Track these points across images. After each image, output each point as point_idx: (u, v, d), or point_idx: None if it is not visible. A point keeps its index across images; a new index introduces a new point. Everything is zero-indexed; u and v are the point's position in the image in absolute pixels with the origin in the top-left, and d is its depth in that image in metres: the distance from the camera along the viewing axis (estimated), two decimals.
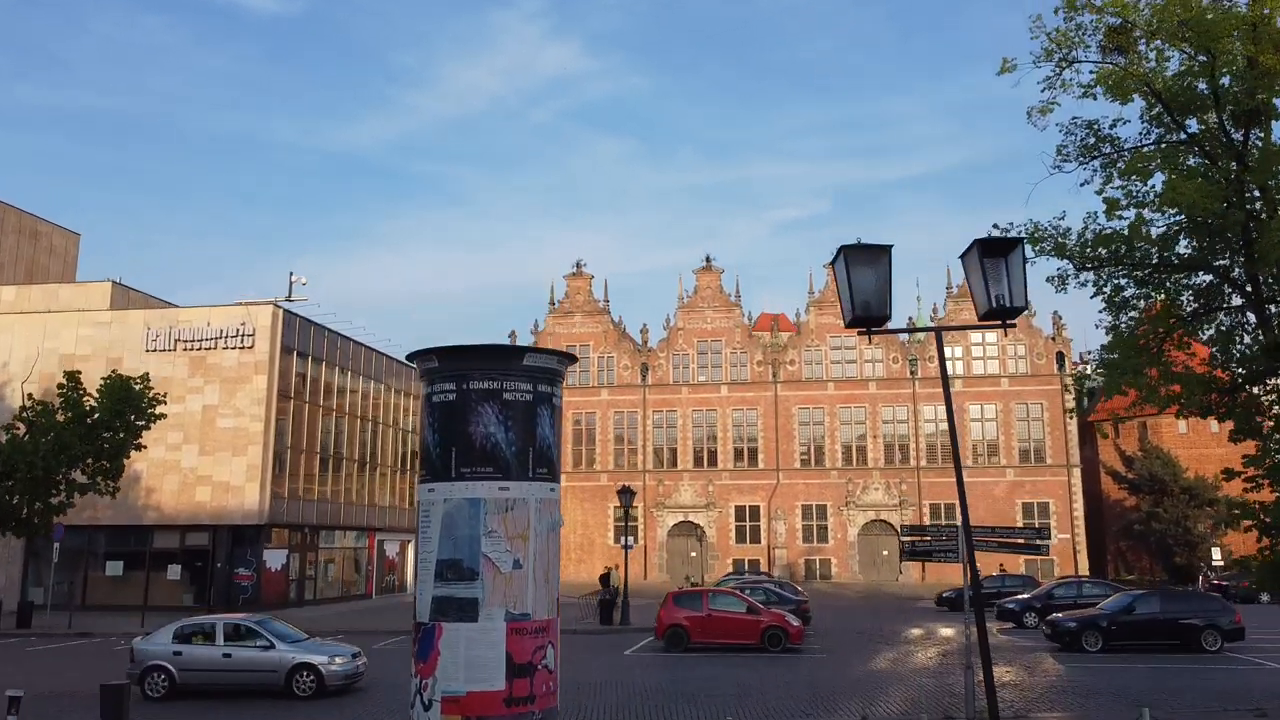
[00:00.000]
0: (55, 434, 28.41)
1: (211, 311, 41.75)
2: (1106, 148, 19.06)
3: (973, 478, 64.00)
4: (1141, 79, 17.92)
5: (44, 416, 29.28)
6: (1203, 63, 17.22)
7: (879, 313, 8.38)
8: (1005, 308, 8.38)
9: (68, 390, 29.98)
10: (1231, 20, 16.73)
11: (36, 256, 56.52)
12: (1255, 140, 17.91)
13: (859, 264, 8.45)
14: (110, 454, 29.47)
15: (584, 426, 69.73)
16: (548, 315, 71.80)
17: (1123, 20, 18.03)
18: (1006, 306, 8.38)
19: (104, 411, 29.31)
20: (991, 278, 8.46)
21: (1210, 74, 17.20)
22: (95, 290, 45.29)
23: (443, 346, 8.68)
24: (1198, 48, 17.09)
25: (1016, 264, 8.51)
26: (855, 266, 8.45)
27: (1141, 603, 27.17)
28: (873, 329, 8.45)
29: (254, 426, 39.62)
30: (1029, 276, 8.75)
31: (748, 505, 66.66)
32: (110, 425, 29.19)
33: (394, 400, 51.21)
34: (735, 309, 69.91)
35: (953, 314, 66.47)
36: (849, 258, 8.43)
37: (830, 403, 66.80)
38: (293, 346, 41.68)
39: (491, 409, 8.43)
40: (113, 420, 29.25)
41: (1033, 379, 64.68)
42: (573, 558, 67.28)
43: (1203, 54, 17.07)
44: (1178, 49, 17.76)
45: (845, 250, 8.46)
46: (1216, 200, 16.34)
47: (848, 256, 8.43)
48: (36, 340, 42.11)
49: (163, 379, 40.60)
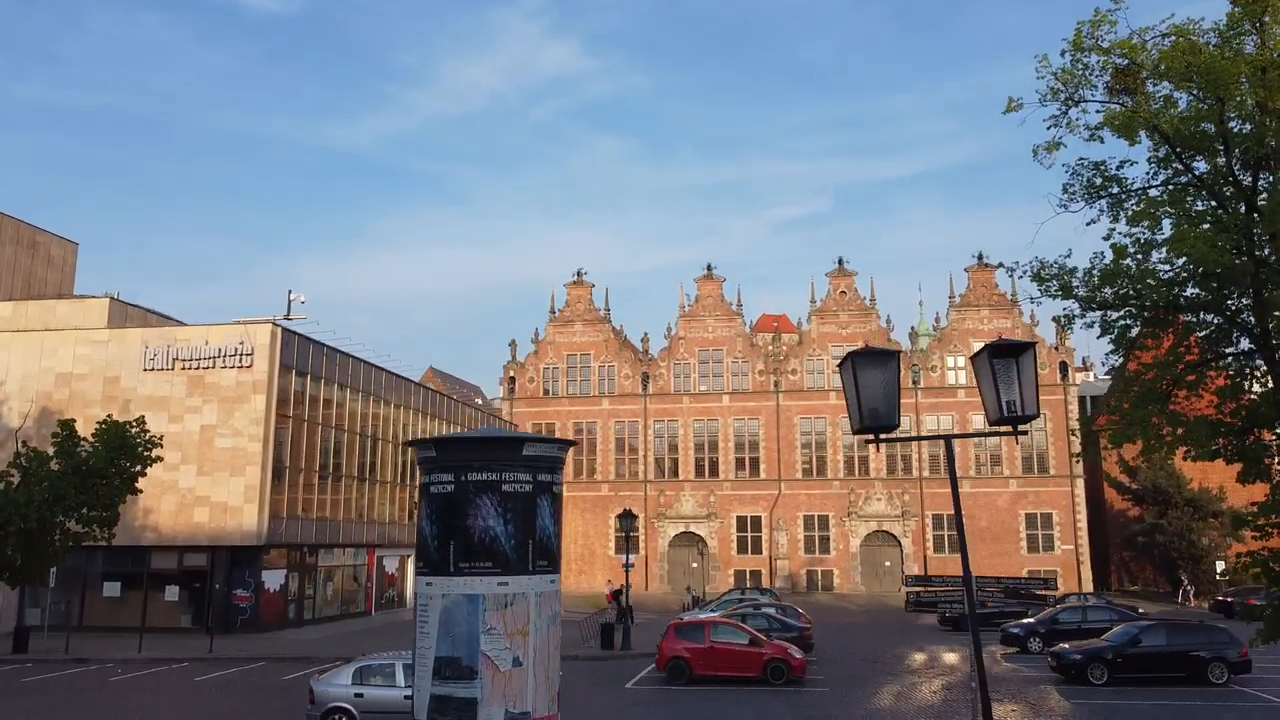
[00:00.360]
0: (50, 483, 28.12)
1: (210, 330, 41.48)
2: (1114, 188, 18.76)
3: (976, 488, 63.88)
4: (1149, 119, 17.63)
5: (38, 462, 28.98)
6: (1211, 106, 16.94)
7: (888, 422, 8.10)
8: (1017, 415, 8.10)
9: (62, 439, 29.67)
10: (1240, 64, 16.45)
11: (34, 267, 56.22)
12: (1265, 183, 17.62)
13: (867, 368, 8.17)
14: (105, 503, 29.18)
15: (585, 436, 69.48)
16: (548, 324, 71.57)
17: (1130, 62, 17.75)
18: (1018, 415, 8.10)
19: (98, 460, 29.01)
20: (1002, 381, 8.19)
21: (1219, 119, 16.92)
22: (93, 306, 45.02)
23: (441, 438, 8.52)
24: (1206, 91, 16.81)
25: (1028, 368, 8.24)
26: (863, 371, 8.17)
27: (1147, 634, 26.92)
28: (882, 439, 8.18)
29: (252, 447, 39.36)
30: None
31: (749, 516, 66.42)
32: (105, 473, 28.88)
33: (393, 414, 50.94)
34: (737, 318, 69.65)
35: (955, 324, 66.19)
36: (856, 362, 8.16)
37: (832, 412, 66.48)
38: (291, 364, 41.42)
39: (490, 501, 8.24)
40: (107, 468, 28.95)
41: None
42: (573, 569, 67.11)
43: (1211, 99, 16.79)
44: (1186, 91, 17.48)
45: (853, 355, 8.19)
46: (1226, 252, 16.05)
47: (855, 361, 8.16)
48: (34, 358, 41.85)
49: (161, 398, 40.47)
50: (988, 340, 38.95)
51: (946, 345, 66.20)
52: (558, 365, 70.90)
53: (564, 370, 70.74)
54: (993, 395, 8.18)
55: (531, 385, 70.98)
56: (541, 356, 71.20)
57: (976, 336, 65.54)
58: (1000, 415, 8.16)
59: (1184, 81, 17.22)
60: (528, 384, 71.07)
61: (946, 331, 66.54)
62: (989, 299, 66.03)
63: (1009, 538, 63.39)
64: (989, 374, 8.20)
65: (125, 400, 40.54)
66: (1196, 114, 17.21)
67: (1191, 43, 17.19)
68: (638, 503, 67.15)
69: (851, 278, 68.25)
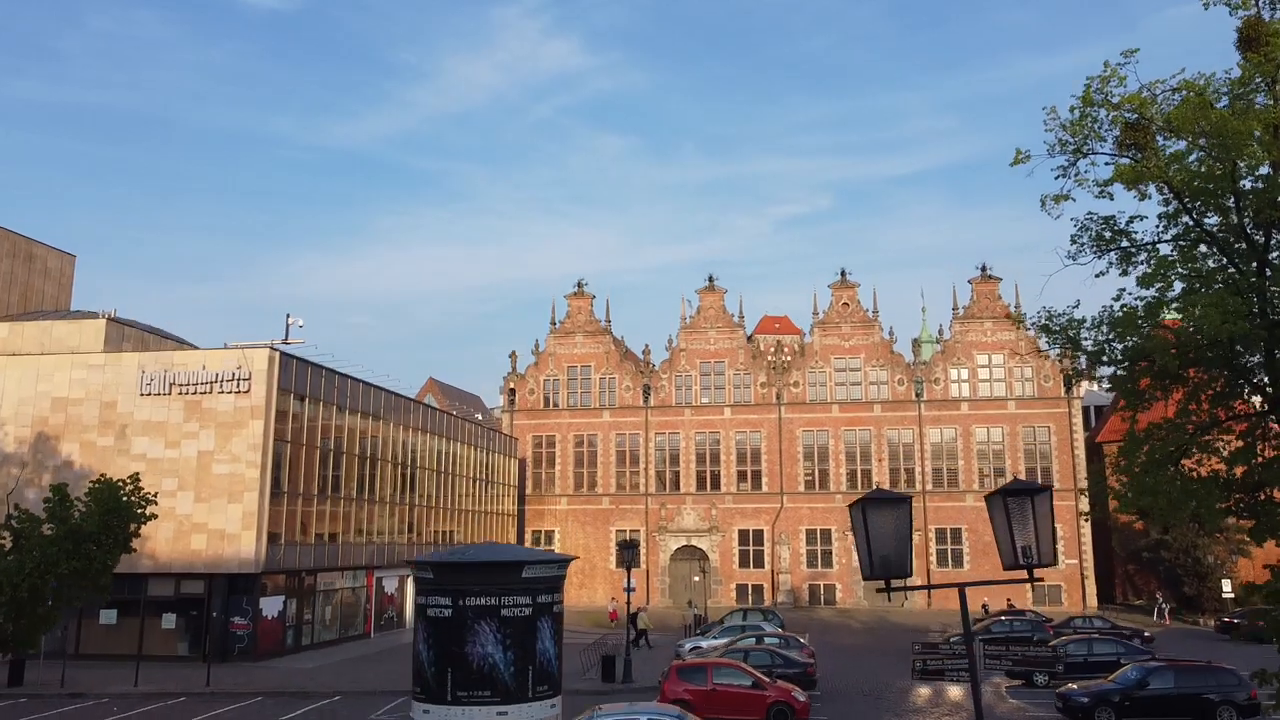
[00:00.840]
0: (41, 551, 27.73)
1: (207, 355, 41.15)
2: (1123, 241, 18.43)
3: (979, 501, 63.38)
4: (1159, 173, 17.26)
5: (31, 525, 28.56)
6: (1222, 166, 16.57)
7: (899, 570, 7.75)
8: (1033, 563, 7.75)
9: (54, 503, 29.26)
10: (1252, 122, 16.04)
11: (31, 279, 55.89)
12: (1277, 242, 17.26)
13: (877, 513, 7.83)
14: (98, 569, 28.77)
15: (585, 448, 69.19)
16: (549, 335, 71.22)
17: (1139, 117, 17.39)
18: (1034, 562, 7.75)
19: (91, 524, 28.59)
20: (1017, 523, 7.85)
21: (1230, 178, 16.55)
22: (89, 327, 44.64)
23: (439, 561, 8.28)
24: (1217, 151, 16.45)
25: (1045, 510, 7.88)
26: (874, 515, 7.83)
27: (1155, 677, 26.61)
28: (893, 587, 7.83)
29: (250, 473, 39.03)
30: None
31: (751, 529, 66.08)
32: (97, 538, 28.47)
33: (393, 433, 50.59)
34: (738, 330, 69.23)
35: (959, 336, 65.75)
36: (867, 508, 7.81)
37: (835, 425, 66.17)
38: (289, 388, 41.07)
39: (489, 626, 7.98)
40: (100, 534, 28.54)
41: (1039, 402, 64.00)
42: (574, 582, 66.78)
43: (1221, 156, 16.43)
44: (1196, 148, 17.12)
45: (864, 501, 7.85)
46: (1240, 319, 15.67)
47: (866, 506, 7.81)
48: (30, 382, 41.54)
49: (158, 423, 40.14)
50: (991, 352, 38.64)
51: (950, 357, 65.77)
52: (558, 377, 70.55)
53: (564, 382, 70.40)
54: (1007, 539, 7.83)
55: (532, 397, 70.64)
56: (542, 368, 70.85)
57: (980, 349, 65.20)
58: (1015, 561, 7.80)
59: (1195, 138, 16.88)
60: (528, 396, 70.72)
61: (949, 344, 66.10)
62: (992, 310, 65.59)
63: None
64: (1003, 516, 7.85)
65: (122, 425, 40.26)
66: (1208, 172, 16.84)
67: (1202, 99, 16.83)
68: (639, 516, 66.89)
69: (854, 289, 67.82)
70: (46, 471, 40.29)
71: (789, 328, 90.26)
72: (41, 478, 40.27)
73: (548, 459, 69.76)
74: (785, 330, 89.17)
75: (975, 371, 65.37)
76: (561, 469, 69.26)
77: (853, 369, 66.69)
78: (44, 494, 39.48)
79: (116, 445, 40.15)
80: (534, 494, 69.30)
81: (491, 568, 7.98)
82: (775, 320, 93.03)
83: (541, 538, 68.49)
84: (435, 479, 55.61)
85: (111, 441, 40.26)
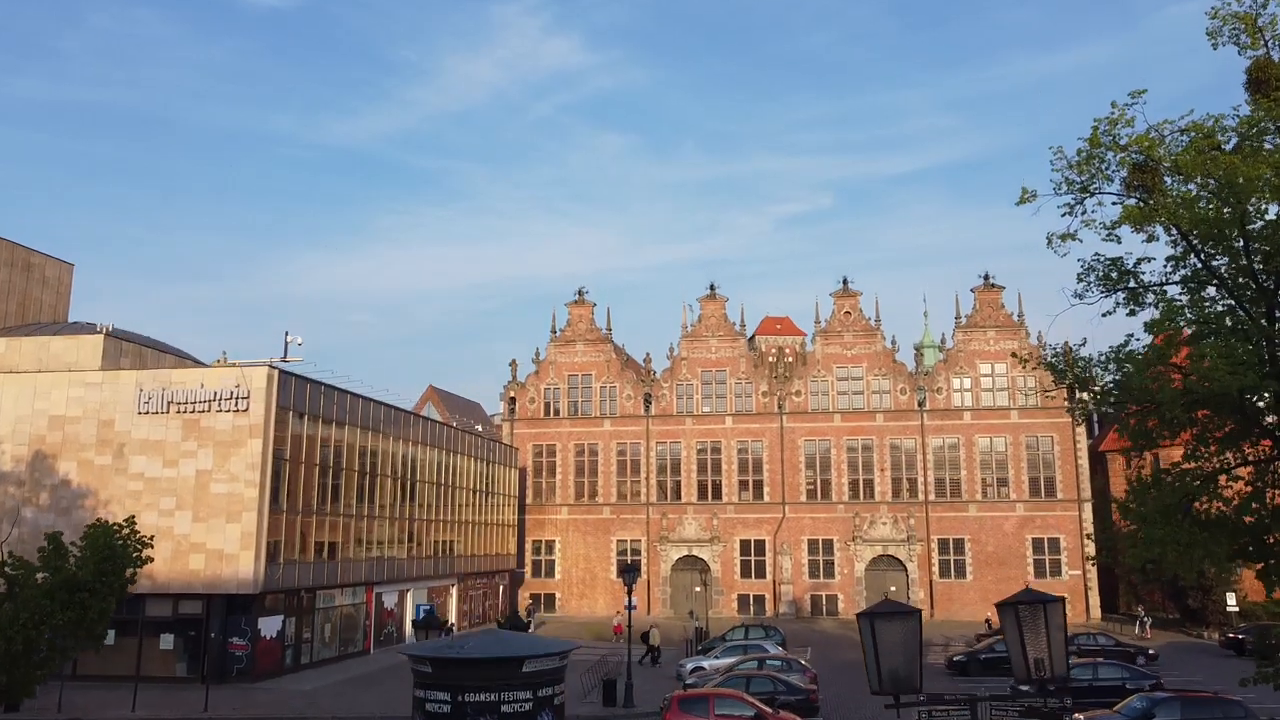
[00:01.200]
0: (36, 602, 27.37)
1: (205, 373, 40.88)
2: (1130, 281, 18.19)
3: (983, 511, 63.38)
4: (1167, 215, 17.00)
5: (26, 574, 28.20)
6: (1231, 210, 16.30)
7: (908, 686, 7.48)
8: (1046, 678, 7.48)
9: (49, 553, 28.91)
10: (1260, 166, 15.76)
11: (29, 289, 55.60)
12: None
13: (886, 626, 7.56)
14: (94, 619, 28.42)
15: (586, 457, 68.93)
16: (549, 343, 70.94)
17: (1147, 158, 17.14)
18: (1047, 676, 7.47)
19: (86, 572, 28.24)
20: (1029, 632, 7.57)
21: (1239, 222, 16.29)
22: (87, 342, 44.35)
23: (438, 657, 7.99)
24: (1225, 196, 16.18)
25: (1057, 621, 7.61)
26: (882, 628, 7.56)
27: (1161, 710, 26.33)
28: (903, 703, 7.56)
29: (249, 492, 38.73)
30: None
31: (753, 539, 65.82)
32: (92, 587, 28.11)
33: (392, 447, 50.30)
34: (740, 338, 68.93)
35: (961, 345, 65.46)
36: (875, 620, 7.54)
37: (837, 434, 65.89)
38: (288, 406, 40.76)
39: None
40: (95, 581, 28.18)
41: (1043, 411, 63.63)
42: (575, 592, 66.68)
43: (1231, 204, 16.17)
44: (1205, 191, 16.86)
45: (872, 613, 7.58)
46: (1252, 369, 15.40)
47: (874, 619, 7.55)
48: (27, 400, 41.24)
49: (155, 442, 39.85)
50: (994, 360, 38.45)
51: (953, 366, 65.46)
52: (559, 385, 70.27)
53: (565, 390, 70.11)
54: (1019, 651, 7.57)
55: (532, 405, 70.36)
56: (542, 376, 70.58)
57: (983, 358, 64.91)
58: (1028, 676, 7.53)
59: (1204, 181, 16.62)
60: (528, 404, 70.44)
61: (952, 353, 65.81)
62: (995, 319, 65.30)
63: (1015, 562, 62.78)
64: (1015, 626, 7.58)
65: (119, 444, 39.97)
66: (1216, 215, 16.58)
67: (1211, 141, 16.58)
68: (640, 526, 66.64)
69: (856, 297, 67.52)
70: (44, 490, 40.05)
71: (790, 329, 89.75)
72: (39, 496, 40.03)
73: (548, 468, 69.50)
74: (787, 331, 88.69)
75: (978, 381, 65.09)
76: (562, 478, 69.00)
77: (855, 378, 66.42)
78: (41, 513, 39.39)
79: (114, 464, 39.87)
80: (534, 503, 69.02)
81: (491, 664, 7.71)
82: (777, 321, 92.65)
83: (542, 547, 68.27)
84: (435, 491, 55.32)
85: (109, 460, 39.99)
